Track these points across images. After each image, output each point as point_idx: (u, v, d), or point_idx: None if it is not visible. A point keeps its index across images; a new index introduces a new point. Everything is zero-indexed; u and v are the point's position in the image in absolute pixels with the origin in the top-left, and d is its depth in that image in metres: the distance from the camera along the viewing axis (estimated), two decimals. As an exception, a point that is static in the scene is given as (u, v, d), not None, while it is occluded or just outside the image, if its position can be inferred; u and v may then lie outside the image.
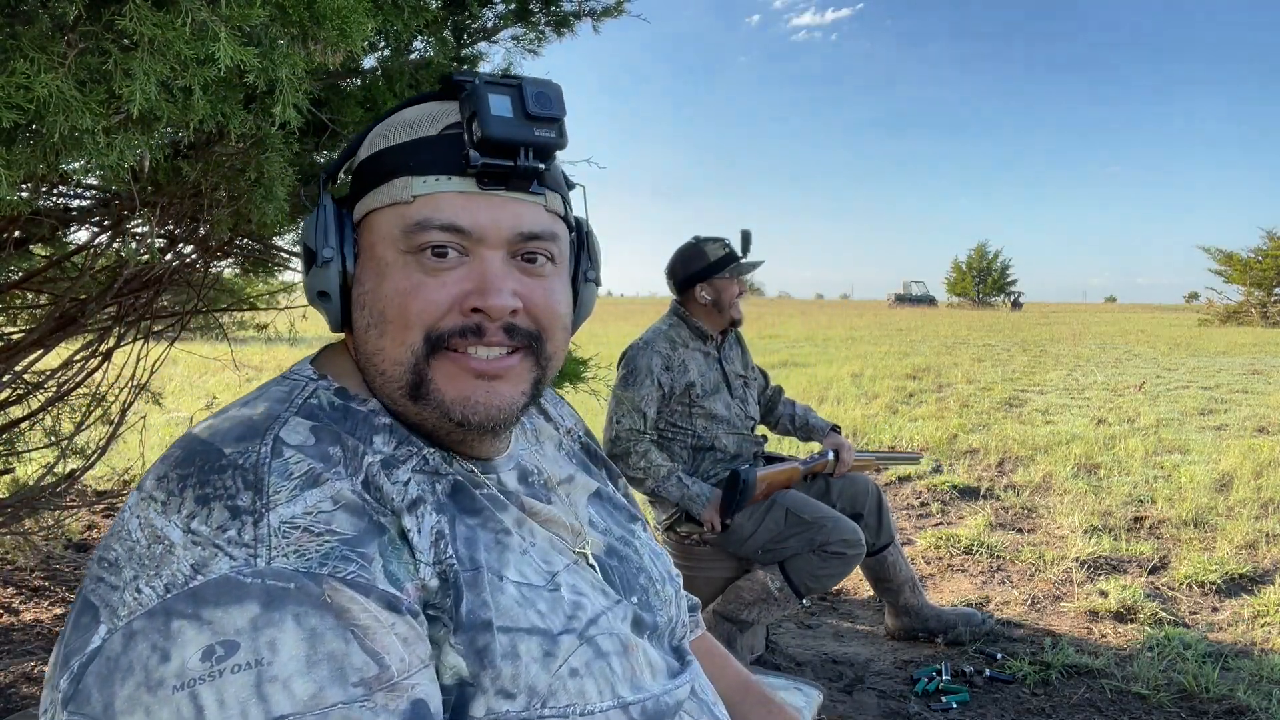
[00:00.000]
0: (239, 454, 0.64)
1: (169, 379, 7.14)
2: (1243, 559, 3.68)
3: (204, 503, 0.62)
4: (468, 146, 0.71)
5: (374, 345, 0.73)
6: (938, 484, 5.02)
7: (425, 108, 0.76)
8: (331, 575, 0.61)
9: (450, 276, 0.71)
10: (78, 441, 2.68)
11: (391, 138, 0.75)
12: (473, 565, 0.69)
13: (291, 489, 0.63)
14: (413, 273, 0.71)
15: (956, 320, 28.28)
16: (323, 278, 0.75)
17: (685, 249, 2.77)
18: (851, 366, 11.22)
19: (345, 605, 0.60)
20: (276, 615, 0.58)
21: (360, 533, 0.64)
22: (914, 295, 51.00)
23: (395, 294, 0.71)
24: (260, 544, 0.60)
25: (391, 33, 1.74)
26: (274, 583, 0.59)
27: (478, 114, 0.70)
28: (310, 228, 0.75)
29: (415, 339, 0.71)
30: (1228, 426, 6.79)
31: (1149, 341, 16.73)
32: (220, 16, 1.04)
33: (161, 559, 0.60)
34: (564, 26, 2.31)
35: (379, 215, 0.73)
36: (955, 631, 2.88)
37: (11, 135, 1.08)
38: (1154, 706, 2.48)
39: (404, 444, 0.73)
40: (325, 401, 0.72)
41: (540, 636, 0.69)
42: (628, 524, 0.92)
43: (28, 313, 2.53)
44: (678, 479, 2.57)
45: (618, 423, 2.60)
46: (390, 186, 0.73)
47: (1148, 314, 39.31)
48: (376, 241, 0.73)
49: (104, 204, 1.93)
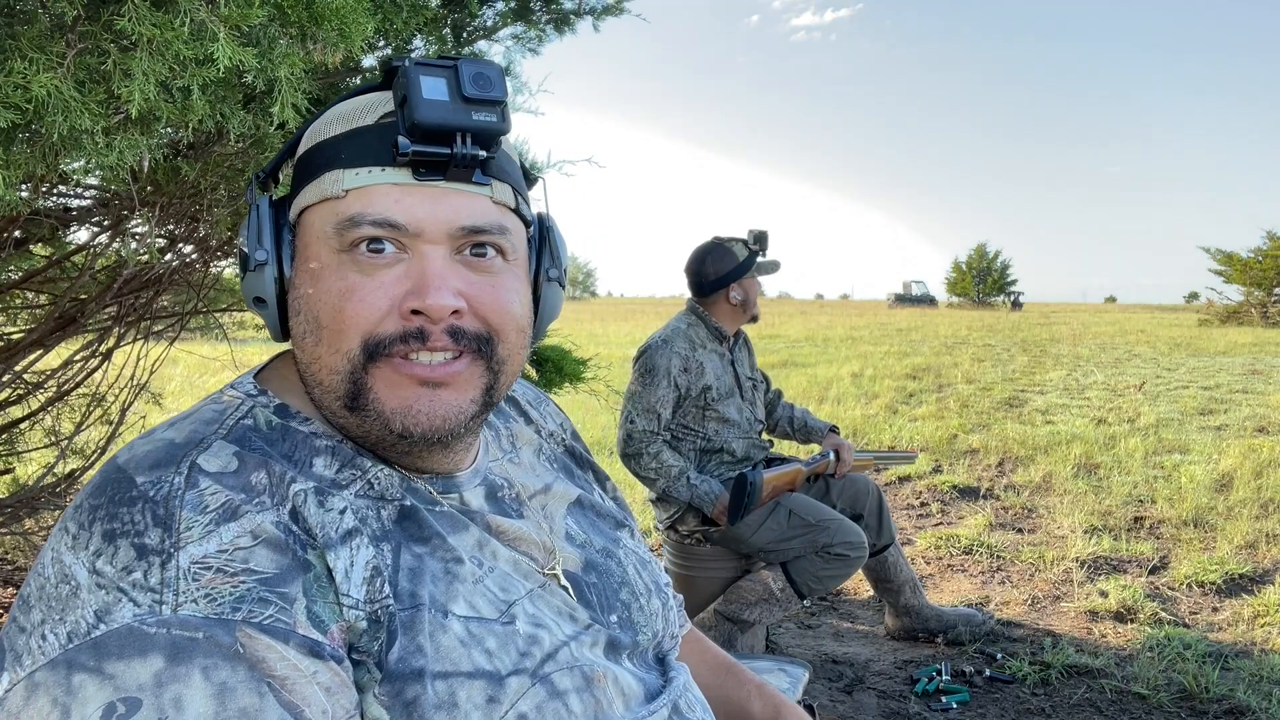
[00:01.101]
0: (150, 484, 0.60)
1: (169, 379, 7.14)
2: (1243, 559, 3.68)
3: (110, 539, 0.58)
4: (403, 137, 0.65)
5: (311, 353, 0.68)
6: (938, 484, 5.02)
7: (364, 98, 0.71)
8: (246, 621, 0.57)
9: (387, 276, 0.66)
10: (78, 441, 2.68)
11: (327, 131, 0.70)
12: (413, 603, 0.64)
13: (205, 524, 0.59)
14: (348, 273, 0.66)
15: (956, 320, 28.28)
16: (257, 282, 0.70)
17: (713, 250, 2.72)
18: (851, 366, 11.22)
19: (260, 655, 0.57)
20: (182, 670, 0.55)
21: (282, 570, 0.60)
22: (914, 295, 50.98)
23: (329, 297, 0.66)
24: (167, 589, 0.56)
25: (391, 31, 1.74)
26: (180, 633, 0.55)
27: (408, 98, 0.64)
28: (244, 230, 0.70)
29: (352, 346, 0.66)
30: (1228, 426, 6.79)
31: (1149, 341, 16.73)
32: (219, 16, 1.04)
33: (67, 601, 0.57)
34: (564, 25, 2.31)
35: (312, 212, 0.69)
36: (955, 631, 2.88)
37: (11, 135, 1.08)
38: (1154, 706, 2.48)
39: (348, 466, 0.69)
40: (262, 421, 0.68)
41: (484, 680, 0.64)
42: (613, 532, 0.88)
43: (28, 313, 2.53)
44: (688, 479, 2.56)
45: (631, 422, 2.59)
46: (321, 181, 0.68)
47: (1148, 314, 39.32)
48: (310, 241, 0.68)
49: (104, 204, 1.93)
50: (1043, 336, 18.79)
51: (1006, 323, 26.61)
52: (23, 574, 3.16)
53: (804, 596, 2.54)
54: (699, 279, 2.72)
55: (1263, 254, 22.84)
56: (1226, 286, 24.03)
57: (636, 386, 2.63)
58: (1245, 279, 23.19)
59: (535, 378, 2.57)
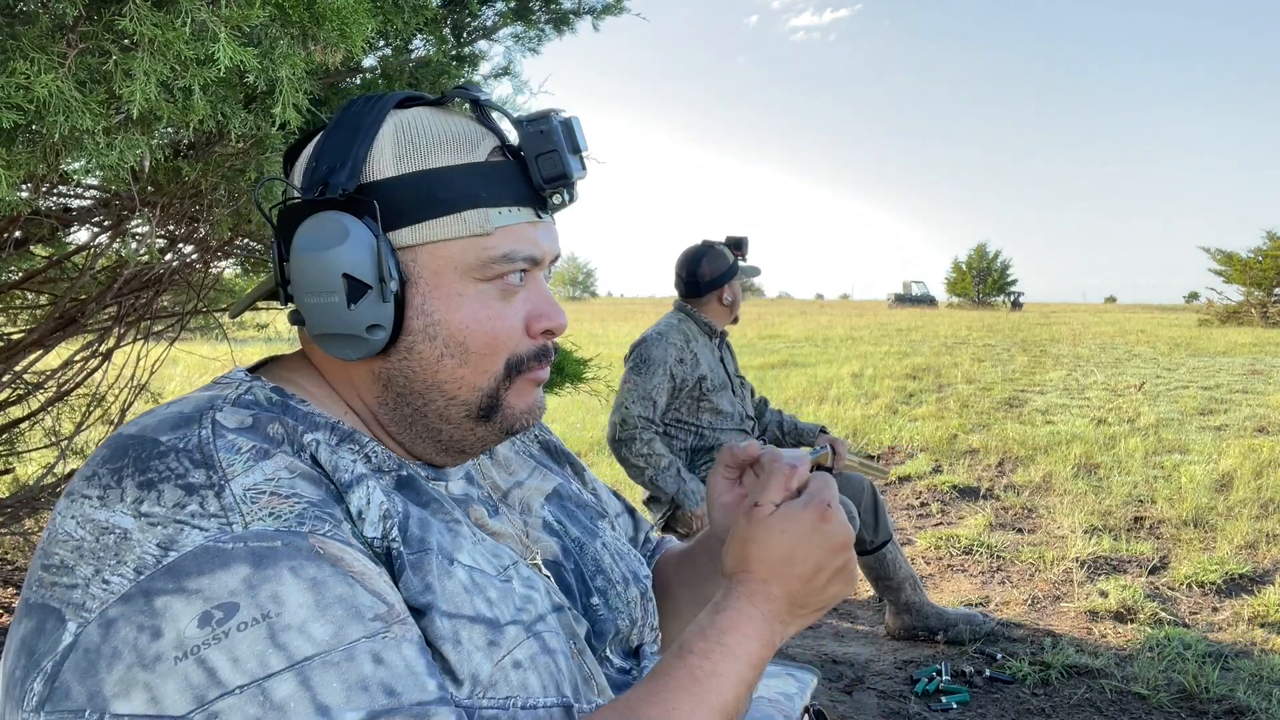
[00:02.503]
0: (177, 439, 0.62)
1: (169, 379, 7.14)
2: (1243, 559, 3.68)
3: (149, 487, 0.59)
4: (542, 182, 0.73)
5: (449, 373, 0.73)
6: (938, 484, 5.02)
7: (451, 124, 0.74)
8: (314, 532, 0.60)
9: (517, 301, 0.75)
10: (78, 441, 2.68)
11: (434, 158, 0.71)
12: (421, 547, 0.67)
13: (245, 460, 0.62)
14: (491, 302, 0.73)
15: (956, 320, 28.29)
16: (381, 311, 0.70)
17: (708, 253, 2.82)
18: (851, 366, 11.22)
19: (337, 554, 0.60)
20: (271, 572, 0.57)
21: (324, 498, 0.64)
22: (914, 295, 50.97)
23: (478, 324, 0.73)
24: (230, 511, 0.58)
25: (391, 31, 1.74)
26: (258, 544, 0.57)
27: (557, 151, 0.73)
28: (357, 254, 0.69)
29: (498, 367, 0.75)
30: (1228, 426, 6.79)
31: (1149, 341, 16.73)
32: (220, 17, 1.04)
33: (119, 546, 0.57)
34: (564, 24, 2.31)
35: (451, 245, 0.71)
36: (956, 630, 2.88)
37: (12, 135, 1.08)
38: (1154, 706, 2.48)
39: (346, 441, 0.72)
40: (261, 397, 0.70)
41: (485, 625, 0.66)
42: (591, 522, 0.90)
43: (28, 313, 2.53)
44: (676, 471, 2.58)
45: (626, 408, 2.61)
46: (463, 218, 0.71)
47: (1148, 314, 39.32)
48: (445, 270, 0.72)
49: (104, 204, 1.93)
50: (1043, 336, 18.80)
51: (1006, 323, 26.61)
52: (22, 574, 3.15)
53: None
54: (694, 279, 2.81)
55: (1263, 254, 22.83)
56: (1226, 286, 24.04)
57: (632, 377, 2.66)
58: (1245, 279, 23.18)
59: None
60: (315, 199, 0.70)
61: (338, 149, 0.71)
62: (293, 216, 0.72)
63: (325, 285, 0.70)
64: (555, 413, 7.05)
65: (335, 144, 0.71)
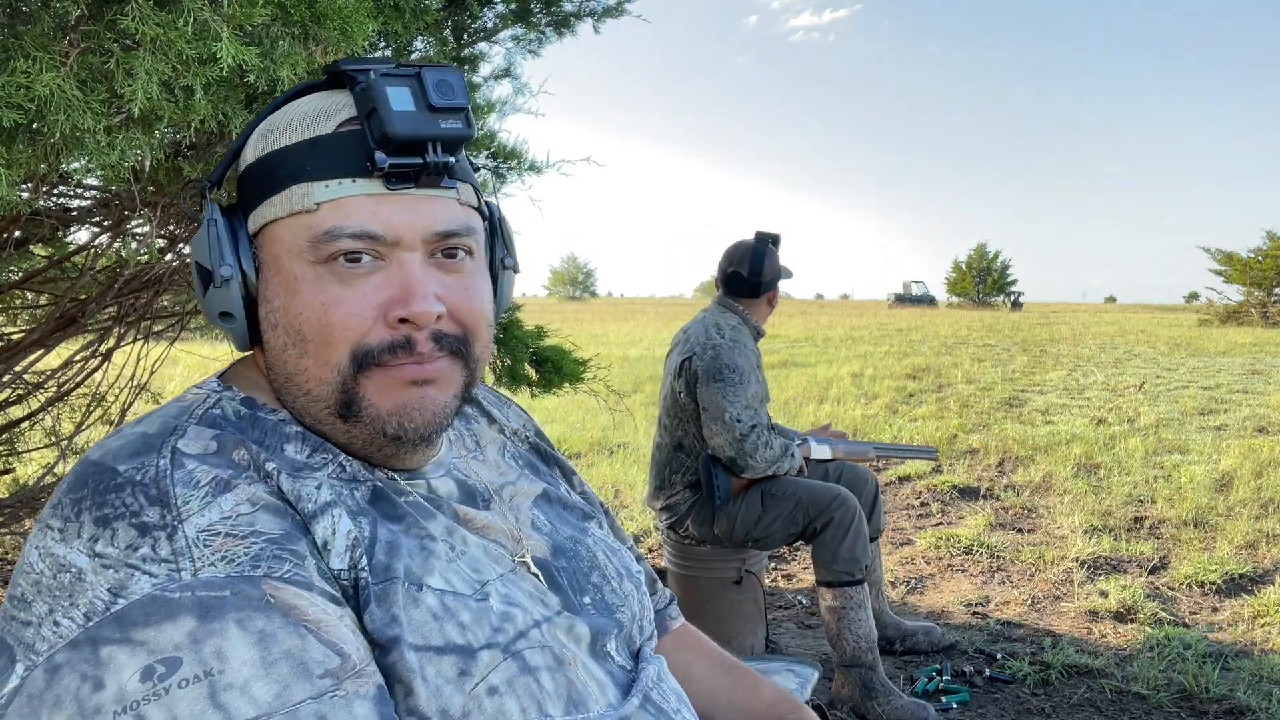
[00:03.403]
0: (134, 469, 0.60)
1: (169, 379, 7.14)
2: (1243, 559, 3.68)
3: (104, 524, 0.57)
4: (372, 147, 0.66)
5: (295, 365, 0.69)
6: (938, 484, 5.02)
7: (312, 101, 0.70)
8: (268, 576, 0.57)
9: (368, 285, 0.67)
10: (78, 441, 2.68)
11: (281, 138, 0.69)
12: (387, 575, 0.64)
13: (202, 497, 0.59)
14: (327, 285, 0.66)
15: (956, 320, 28.29)
16: (224, 298, 0.69)
17: (768, 252, 2.66)
18: (851, 366, 11.22)
19: (291, 602, 0.57)
20: (217, 625, 0.54)
21: (287, 531, 0.61)
22: (914, 295, 50.96)
23: (311, 309, 0.67)
24: (181, 557, 0.56)
25: (392, 33, 1.74)
26: (206, 593, 0.55)
27: (377, 110, 0.65)
28: (201, 244, 0.69)
29: (341, 357, 0.67)
30: (1228, 426, 6.79)
31: (1149, 341, 16.73)
32: (222, 16, 1.04)
33: (73, 588, 0.56)
34: (564, 27, 2.31)
35: (280, 226, 0.68)
36: (913, 640, 2.86)
37: (12, 135, 1.08)
38: (1154, 706, 2.48)
39: (319, 451, 0.69)
40: (230, 411, 0.68)
41: (455, 654, 0.63)
42: (580, 523, 0.89)
43: (28, 313, 2.53)
44: (786, 450, 2.55)
45: (739, 421, 2.48)
46: (289, 195, 0.67)
47: (1148, 314, 39.32)
48: (280, 254, 0.68)
49: (104, 204, 1.93)
50: (1043, 336, 18.80)
51: (1006, 323, 26.62)
52: (23, 574, 3.15)
53: (858, 580, 2.47)
54: (756, 278, 2.64)
55: (1263, 254, 22.84)
56: (1226, 286, 24.05)
57: (725, 390, 2.50)
58: (1245, 279, 23.19)
59: (535, 378, 2.57)
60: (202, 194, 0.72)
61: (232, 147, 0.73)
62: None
63: (196, 277, 0.71)
64: (555, 413, 7.05)
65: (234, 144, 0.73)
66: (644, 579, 0.92)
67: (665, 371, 2.74)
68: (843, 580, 2.47)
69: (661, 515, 2.73)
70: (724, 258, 2.72)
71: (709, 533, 2.61)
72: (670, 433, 2.67)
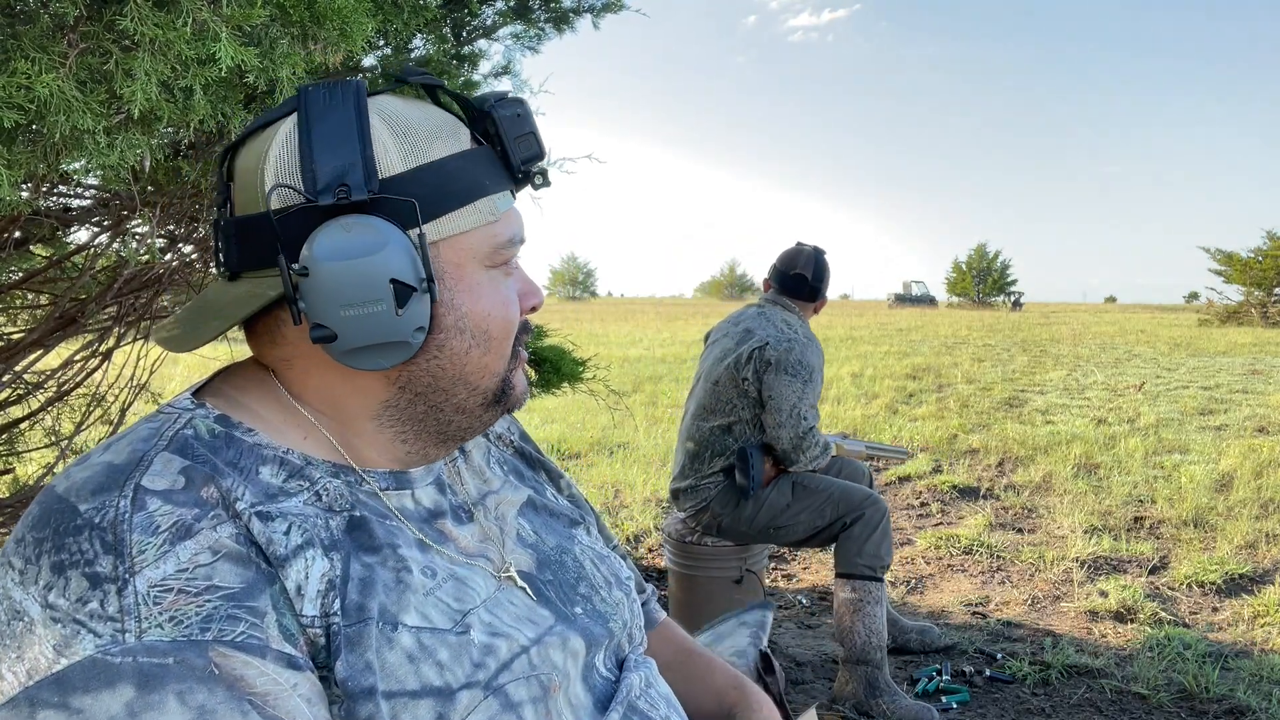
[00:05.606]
0: (94, 510, 0.57)
1: (169, 379, 7.14)
2: (1243, 559, 3.68)
3: (60, 571, 0.56)
4: (518, 165, 0.74)
5: (476, 364, 0.74)
6: (938, 484, 5.02)
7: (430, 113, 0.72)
8: (218, 640, 0.55)
9: (514, 282, 0.77)
10: (78, 441, 2.68)
11: (432, 150, 0.69)
12: (360, 616, 0.62)
13: (159, 545, 0.57)
14: (499, 286, 0.74)
15: (956, 320, 28.29)
16: (423, 312, 0.67)
17: (823, 257, 2.80)
18: (851, 366, 11.22)
19: (238, 673, 0.55)
20: (155, 697, 0.52)
21: (248, 584, 0.58)
22: (914, 295, 50.96)
23: (496, 309, 0.74)
24: (127, 616, 0.54)
25: (391, 32, 1.74)
26: (148, 660, 0.53)
27: (524, 134, 0.73)
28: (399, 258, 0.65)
29: (509, 349, 0.76)
30: (1228, 426, 6.79)
31: (1149, 341, 16.73)
32: (221, 17, 1.04)
33: (23, 638, 0.55)
34: (564, 23, 2.31)
35: (469, 236, 0.71)
36: (906, 638, 2.87)
37: (12, 135, 1.08)
38: (1154, 706, 2.48)
39: (295, 476, 0.67)
40: (204, 430, 0.66)
41: (432, 697, 0.62)
42: (567, 530, 0.88)
43: (28, 313, 2.53)
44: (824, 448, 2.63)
45: (805, 418, 2.56)
46: (477, 207, 0.71)
47: (1148, 314, 39.32)
48: (465, 262, 0.71)
49: (104, 204, 1.93)
50: (1043, 336, 18.80)
51: (1006, 323, 26.62)
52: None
53: (878, 577, 2.50)
54: (817, 284, 2.77)
55: (1263, 254, 22.84)
56: (1226, 286, 24.05)
57: (795, 384, 2.56)
58: (1245, 279, 23.19)
59: (534, 378, 2.57)
60: (338, 204, 0.64)
61: (335, 147, 0.65)
62: (298, 224, 0.65)
63: (369, 295, 0.64)
64: (555, 413, 7.05)
65: (328, 141, 0.65)
66: (633, 584, 0.90)
67: (712, 358, 2.74)
68: (864, 574, 2.50)
69: (686, 497, 2.70)
70: (784, 260, 2.81)
71: (731, 517, 2.61)
72: (720, 415, 2.66)
